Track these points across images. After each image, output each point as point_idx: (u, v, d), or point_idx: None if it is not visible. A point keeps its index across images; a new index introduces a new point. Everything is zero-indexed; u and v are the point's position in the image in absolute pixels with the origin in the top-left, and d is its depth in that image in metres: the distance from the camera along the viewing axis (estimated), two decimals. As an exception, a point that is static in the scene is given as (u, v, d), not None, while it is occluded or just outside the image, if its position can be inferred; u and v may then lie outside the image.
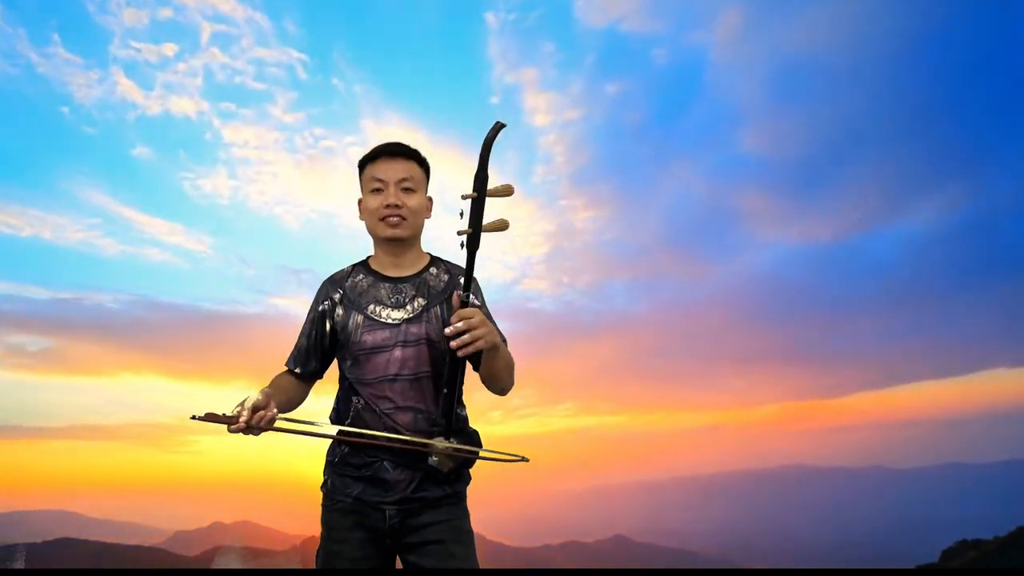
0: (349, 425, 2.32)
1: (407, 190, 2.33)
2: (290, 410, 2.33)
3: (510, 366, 2.35)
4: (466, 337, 2.16)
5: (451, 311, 2.30)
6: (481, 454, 2.33)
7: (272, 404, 2.20)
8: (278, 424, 2.22)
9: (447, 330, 2.16)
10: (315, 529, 2.32)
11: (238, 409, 2.19)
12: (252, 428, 2.19)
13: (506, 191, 2.19)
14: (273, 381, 2.37)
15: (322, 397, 2.50)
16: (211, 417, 2.19)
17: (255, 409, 2.17)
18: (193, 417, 2.19)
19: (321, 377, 2.43)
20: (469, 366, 2.36)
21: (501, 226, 2.20)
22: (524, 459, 2.31)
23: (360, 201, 2.38)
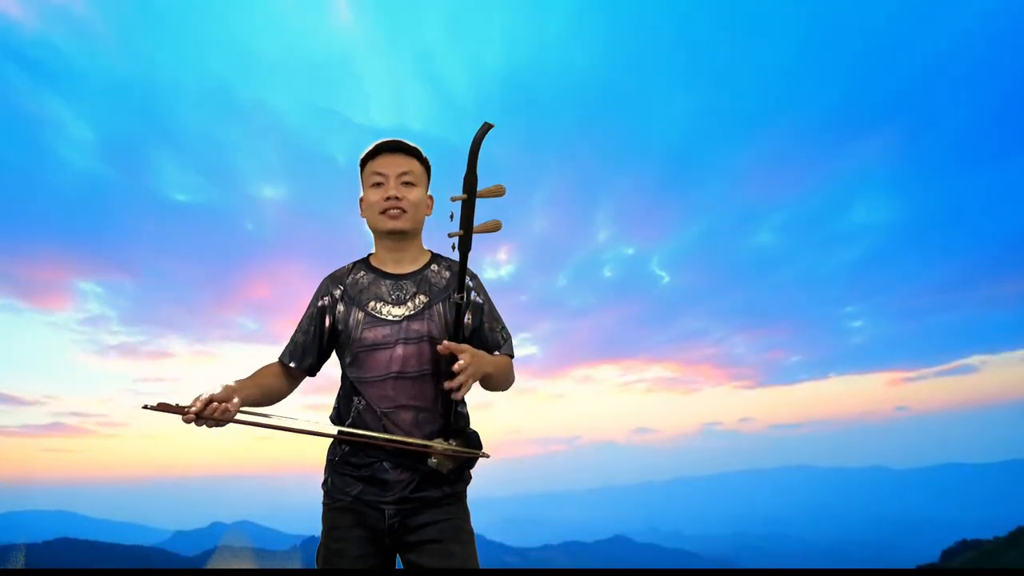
0: (350, 426, 2.32)
1: (407, 184, 2.33)
2: (269, 404, 2.29)
3: (507, 378, 2.33)
4: (458, 380, 2.25)
5: (453, 309, 2.32)
6: (448, 450, 2.31)
7: (235, 397, 2.22)
8: (243, 418, 2.20)
9: (445, 384, 2.25)
10: (315, 529, 2.33)
11: (194, 400, 2.21)
12: (204, 419, 2.21)
13: (497, 192, 2.20)
14: (254, 372, 2.32)
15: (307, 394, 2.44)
16: (163, 407, 2.21)
17: (209, 401, 2.19)
18: (145, 407, 2.20)
19: (314, 375, 2.38)
20: None
21: (493, 227, 2.21)
22: (485, 455, 2.32)
23: (361, 200, 2.38)
